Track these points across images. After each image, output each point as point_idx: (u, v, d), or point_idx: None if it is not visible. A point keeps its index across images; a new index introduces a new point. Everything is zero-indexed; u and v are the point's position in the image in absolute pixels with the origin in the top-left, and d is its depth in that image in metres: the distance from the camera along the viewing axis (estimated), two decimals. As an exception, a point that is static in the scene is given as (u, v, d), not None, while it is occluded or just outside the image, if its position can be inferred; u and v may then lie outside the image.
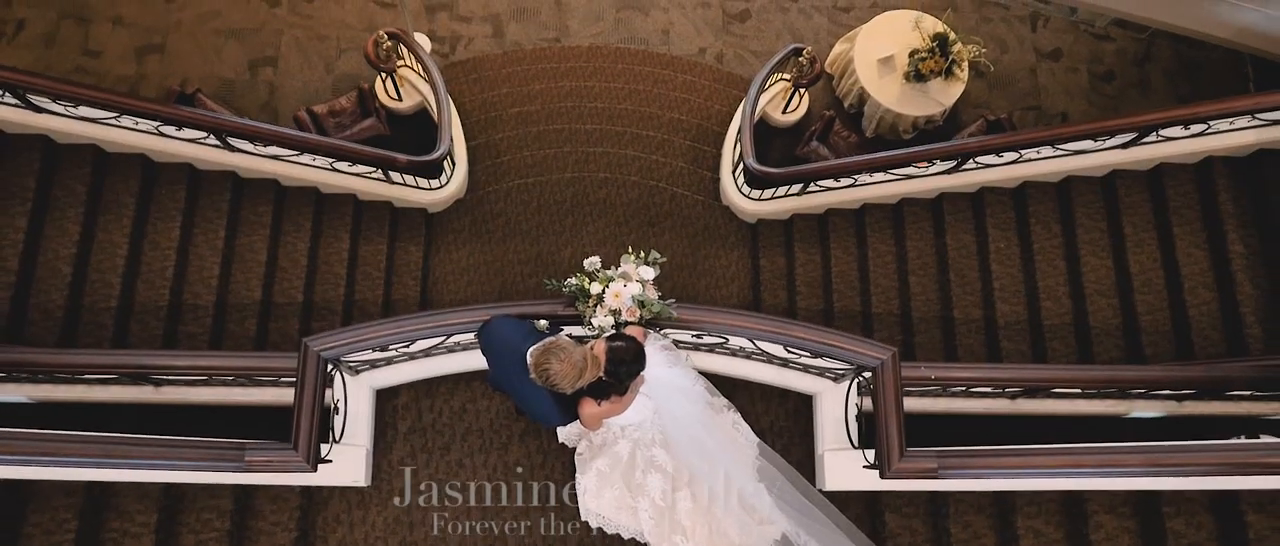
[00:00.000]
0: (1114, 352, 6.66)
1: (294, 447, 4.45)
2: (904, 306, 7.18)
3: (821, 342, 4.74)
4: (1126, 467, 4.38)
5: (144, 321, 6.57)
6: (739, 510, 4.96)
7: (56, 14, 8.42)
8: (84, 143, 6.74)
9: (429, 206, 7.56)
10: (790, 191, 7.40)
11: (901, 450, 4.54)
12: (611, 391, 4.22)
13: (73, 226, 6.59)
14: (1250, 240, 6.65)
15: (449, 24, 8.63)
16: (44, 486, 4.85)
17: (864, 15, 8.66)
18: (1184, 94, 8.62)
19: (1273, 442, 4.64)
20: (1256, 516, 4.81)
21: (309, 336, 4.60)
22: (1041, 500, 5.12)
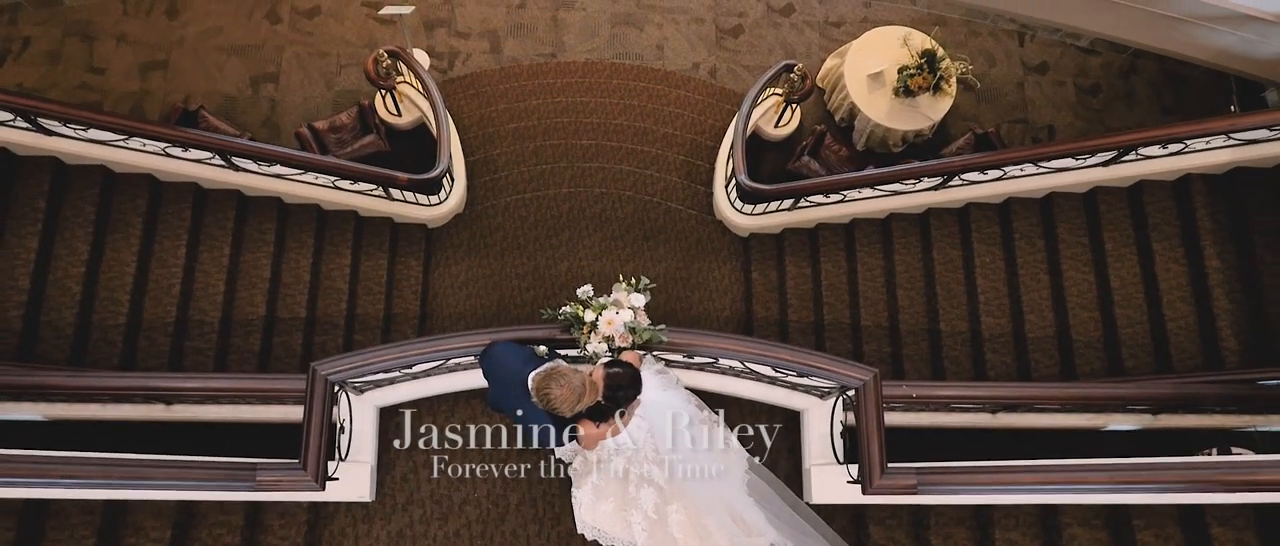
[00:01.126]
0: (1095, 365, 6.95)
1: (303, 467, 4.72)
2: (892, 319, 7.46)
3: (805, 364, 5.02)
4: (1092, 484, 4.67)
5: (151, 338, 6.83)
6: (729, 522, 5.21)
7: (61, 31, 8.67)
8: (93, 164, 7.00)
9: (429, 222, 7.82)
10: (781, 206, 7.66)
11: (883, 467, 4.82)
12: (609, 415, 4.49)
13: (82, 245, 6.85)
14: (1227, 255, 6.93)
15: (447, 40, 8.88)
16: (64, 504, 5.12)
17: (855, 30, 8.92)
18: (1168, 106, 8.89)
19: (1228, 460, 4.92)
20: (1221, 529, 5.10)
21: (317, 361, 4.87)
22: (1018, 513, 5.39)
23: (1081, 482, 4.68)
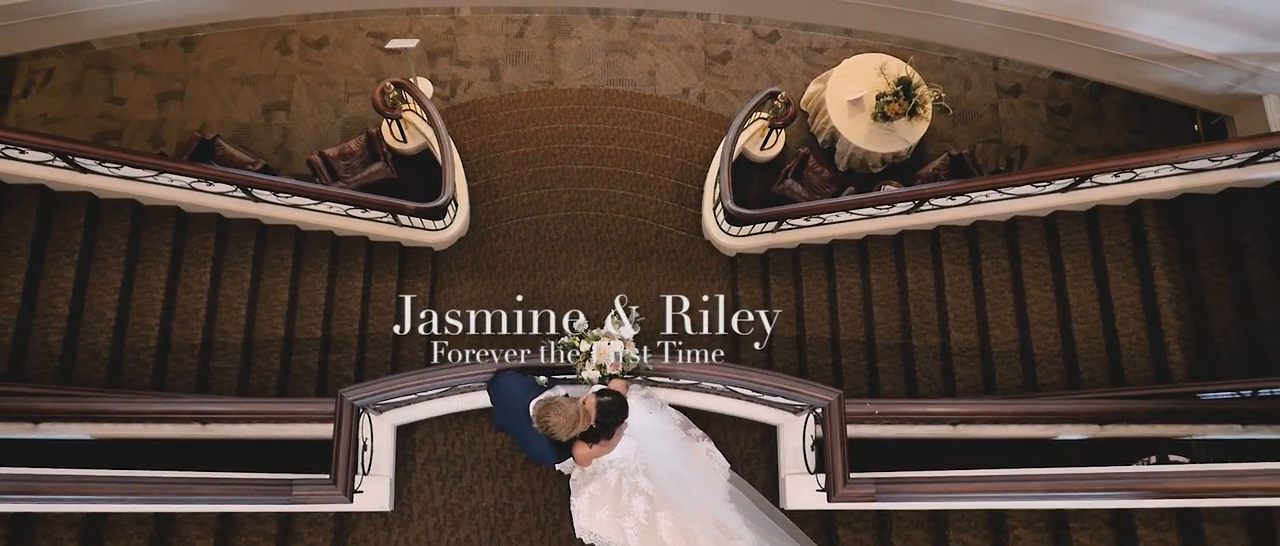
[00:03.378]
0: (1055, 377, 7.79)
1: (334, 483, 5.56)
2: (869, 334, 8.30)
3: (777, 387, 5.85)
4: (1029, 492, 5.51)
5: (180, 359, 7.68)
6: (712, 527, 6.03)
7: (82, 64, 9.49)
8: (124, 198, 7.82)
9: (435, 245, 8.65)
10: (765, 228, 8.48)
11: (846, 477, 5.65)
12: (600, 437, 5.33)
13: (115, 274, 7.68)
14: (1175, 275, 7.77)
15: (449, 68, 9.71)
16: (120, 517, 5.97)
17: (837, 55, 9.72)
18: (1136, 126, 9.70)
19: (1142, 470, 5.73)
20: (1146, 530, 5.93)
21: (345, 388, 5.69)
22: (970, 517, 6.23)
23: (1019, 490, 5.53)
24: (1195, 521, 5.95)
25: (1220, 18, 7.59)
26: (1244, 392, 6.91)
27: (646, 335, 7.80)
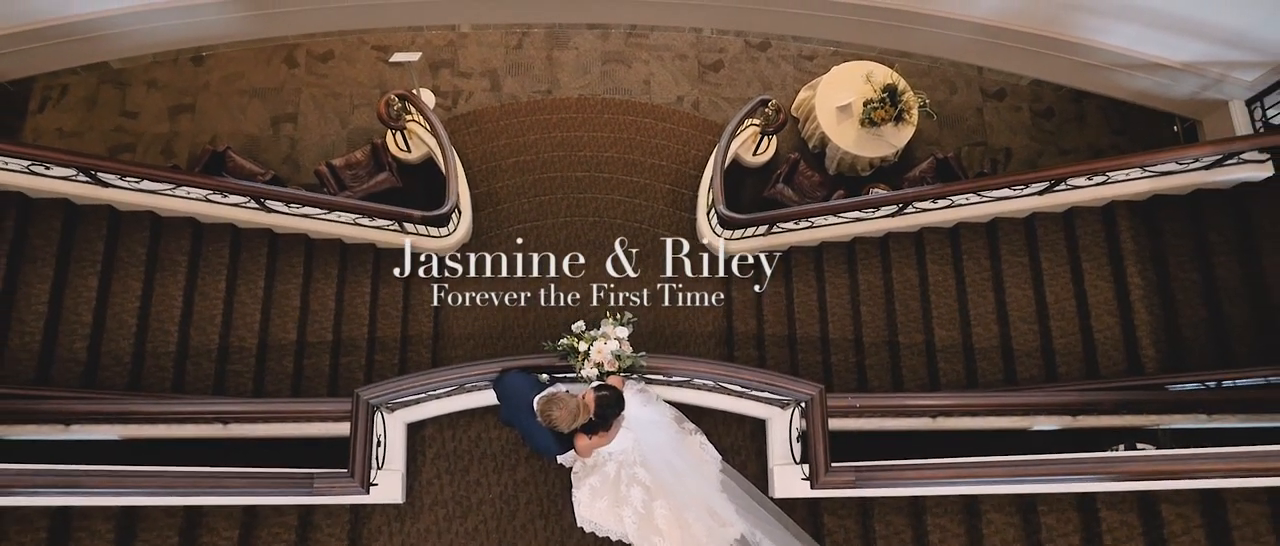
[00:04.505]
0: (1034, 371, 8.41)
1: (351, 475, 6.19)
2: (857, 332, 8.91)
3: (764, 383, 6.48)
4: (995, 477, 6.13)
5: (198, 363, 8.31)
6: (706, 515, 6.64)
7: (97, 79, 10.11)
8: (143, 210, 8.45)
9: (439, 252, 9.26)
10: (757, 232, 9.08)
11: (827, 466, 6.27)
12: (599, 429, 5.94)
13: (135, 283, 8.31)
14: (1147, 273, 8.39)
15: (451, 79, 10.33)
16: (152, 510, 6.60)
17: (827, 63, 10.33)
18: (1117, 128, 10.31)
19: (1095, 456, 6.34)
20: (1108, 512, 6.55)
21: (360, 387, 6.33)
22: (946, 502, 6.84)
23: (986, 475, 6.15)
24: (1153, 503, 6.56)
25: (1184, 28, 8.23)
26: (1208, 384, 7.53)
27: (647, 278, 8.93)
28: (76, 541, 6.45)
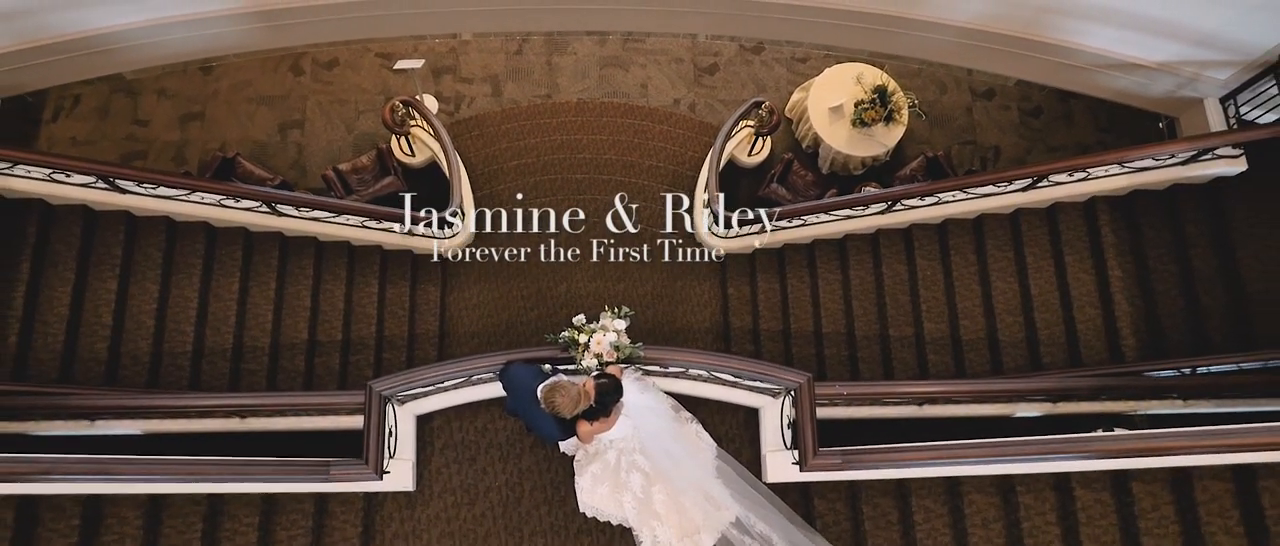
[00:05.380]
0: (1020, 361, 8.96)
1: (366, 462, 6.74)
2: (849, 326, 9.46)
3: (754, 371, 7.03)
4: (970, 458, 6.67)
5: (213, 362, 8.88)
6: (702, 500, 7.17)
7: (108, 88, 10.69)
8: (158, 215, 9.02)
9: (444, 252, 9.84)
10: (752, 230, 9.64)
11: (815, 450, 6.80)
12: (599, 415, 6.49)
13: (153, 285, 8.88)
14: (1127, 266, 8.94)
15: (453, 85, 10.91)
16: (177, 498, 7.17)
17: (819, 65, 10.86)
18: (1104, 126, 10.85)
19: (1072, 436, 6.85)
20: (1083, 491, 7.09)
21: (373, 380, 6.87)
22: (929, 484, 7.38)
23: (963, 456, 6.69)
24: (1125, 482, 7.11)
25: (1158, 30, 8.79)
26: (1184, 370, 8.08)
27: (647, 233, 9.71)
28: (107, 529, 7.01)
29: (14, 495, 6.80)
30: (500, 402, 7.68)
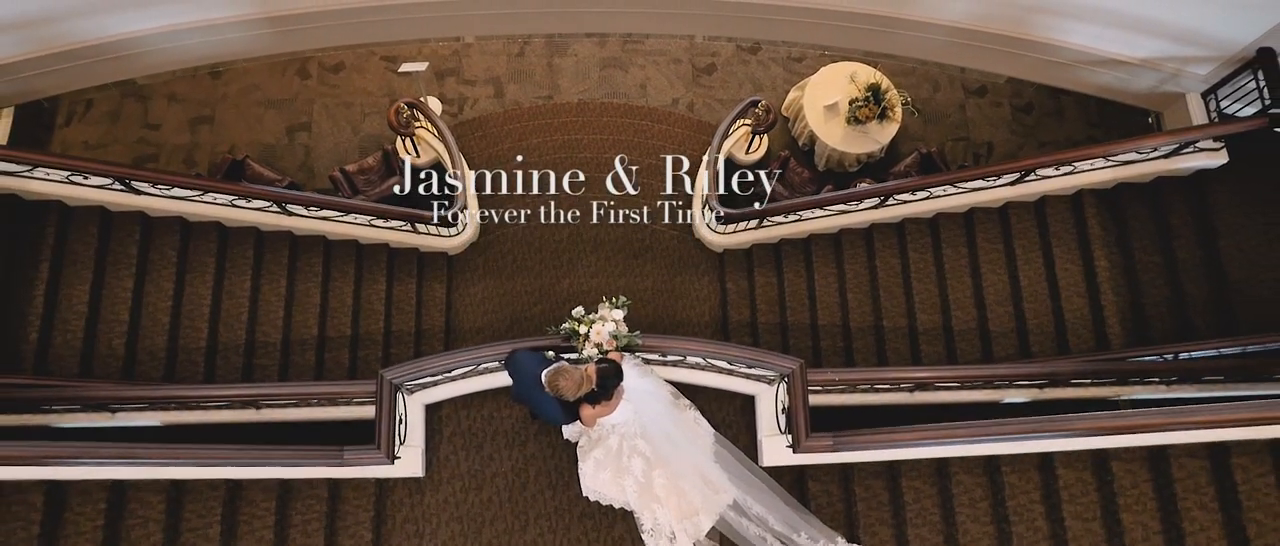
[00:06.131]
0: (1010, 350, 9.44)
1: (377, 447, 7.24)
2: (844, 318, 9.94)
3: (749, 357, 7.52)
4: (954, 439, 7.16)
5: (227, 357, 9.39)
6: (701, 483, 7.61)
7: (119, 93, 11.20)
8: (173, 216, 9.53)
9: (449, 250, 10.33)
10: (749, 226, 10.12)
11: (808, 432, 7.28)
12: (601, 398, 6.96)
13: (167, 283, 9.39)
14: (1113, 256, 9.44)
15: (456, 87, 11.42)
16: (198, 484, 7.66)
17: (815, 65, 11.36)
18: (1094, 121, 11.33)
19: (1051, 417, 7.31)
20: (1065, 471, 7.56)
21: (384, 368, 7.40)
22: (918, 466, 7.86)
23: (950, 436, 7.18)
24: (1105, 462, 7.59)
25: (1140, 27, 9.28)
26: (1166, 356, 8.55)
27: (646, 194, 10.35)
28: (131, 513, 7.51)
29: (44, 480, 7.30)
30: (505, 392, 8.16)
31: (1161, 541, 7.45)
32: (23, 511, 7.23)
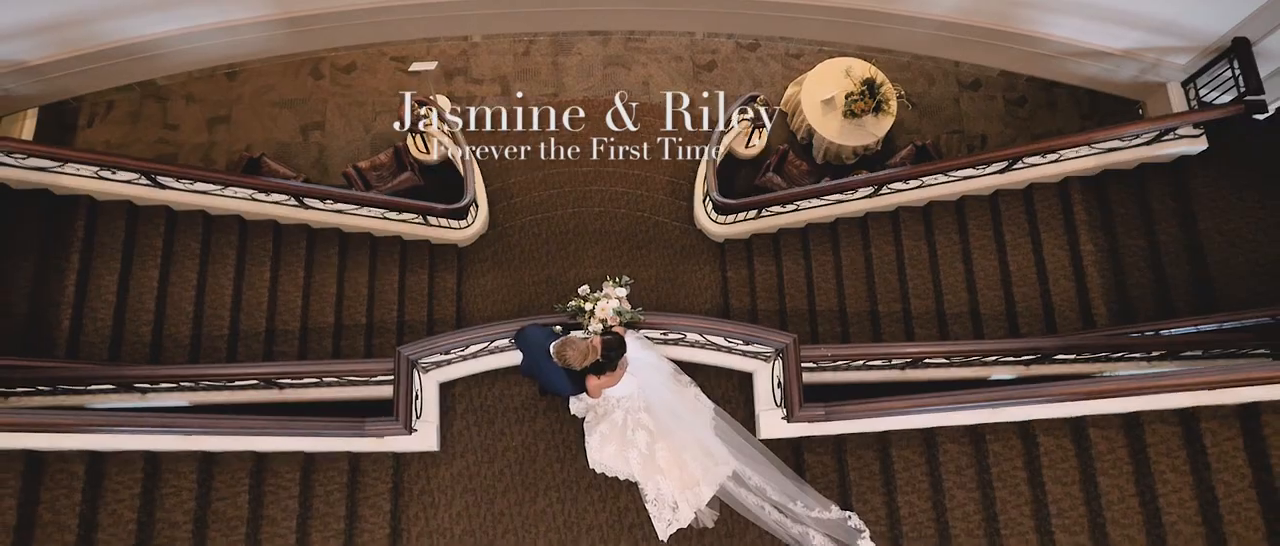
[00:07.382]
0: (1000, 332, 10.17)
1: (396, 419, 8.00)
2: (841, 304, 10.69)
3: (745, 333, 8.26)
4: (938, 406, 7.90)
5: (248, 344, 10.16)
6: (702, 455, 8.29)
7: (139, 94, 12.01)
8: (196, 210, 10.33)
9: (459, 242, 11.11)
10: (749, 216, 10.88)
11: (800, 403, 8.01)
12: (606, 368, 7.69)
13: (191, 274, 10.17)
14: (1099, 240, 10.18)
15: (465, 86, 12.21)
16: (227, 456, 8.43)
17: (812, 60, 12.14)
18: (1086, 112, 12.08)
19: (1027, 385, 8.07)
20: (1045, 438, 8.28)
21: (401, 345, 8.17)
22: (907, 436, 8.58)
23: (935, 404, 7.91)
24: (1083, 429, 8.32)
25: (1121, 19, 10.04)
26: (1148, 333, 9.28)
27: (647, 132, 11.08)
28: (165, 481, 8.28)
29: (86, 451, 8.08)
30: (515, 372, 8.92)
31: (1137, 503, 8.18)
32: (65, 479, 8.00)
